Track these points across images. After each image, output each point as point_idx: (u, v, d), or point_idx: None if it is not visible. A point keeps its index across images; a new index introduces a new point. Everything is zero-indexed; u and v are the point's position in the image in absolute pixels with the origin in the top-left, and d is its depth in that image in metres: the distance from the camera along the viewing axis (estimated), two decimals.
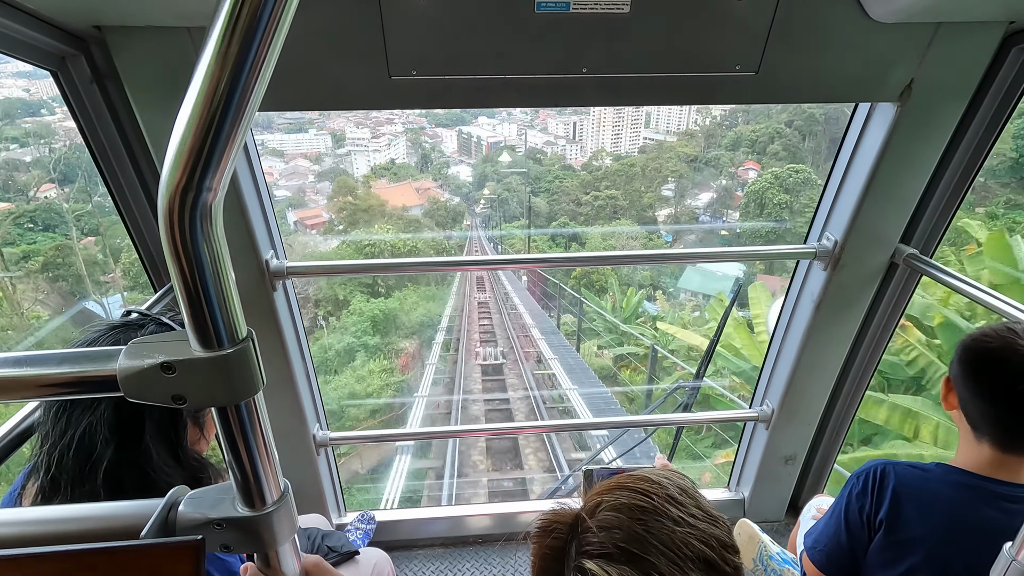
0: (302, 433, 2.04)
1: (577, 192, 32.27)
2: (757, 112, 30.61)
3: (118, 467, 0.83)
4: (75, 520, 0.59)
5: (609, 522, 0.68)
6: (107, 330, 0.90)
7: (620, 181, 32.12)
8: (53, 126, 19.78)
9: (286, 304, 1.83)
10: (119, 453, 0.83)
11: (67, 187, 17.55)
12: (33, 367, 0.50)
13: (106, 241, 15.46)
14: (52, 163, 17.99)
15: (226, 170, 0.44)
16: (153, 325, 0.92)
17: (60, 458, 0.82)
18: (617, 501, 0.70)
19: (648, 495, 0.70)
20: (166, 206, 0.43)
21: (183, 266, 0.46)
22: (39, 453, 0.85)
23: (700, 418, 2.70)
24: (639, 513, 0.68)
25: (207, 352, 0.49)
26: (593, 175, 33.66)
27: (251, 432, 0.55)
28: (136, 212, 1.55)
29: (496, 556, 2.28)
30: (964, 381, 1.14)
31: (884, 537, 1.14)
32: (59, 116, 19.78)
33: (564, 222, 30.89)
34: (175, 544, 0.53)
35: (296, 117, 31.21)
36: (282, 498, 0.60)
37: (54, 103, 20.17)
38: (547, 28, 1.34)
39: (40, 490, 0.84)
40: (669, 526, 0.66)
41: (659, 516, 0.67)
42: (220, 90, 0.40)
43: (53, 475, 0.83)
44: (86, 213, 16.00)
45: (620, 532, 0.67)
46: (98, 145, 1.43)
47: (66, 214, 15.67)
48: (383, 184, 32.74)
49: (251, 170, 1.59)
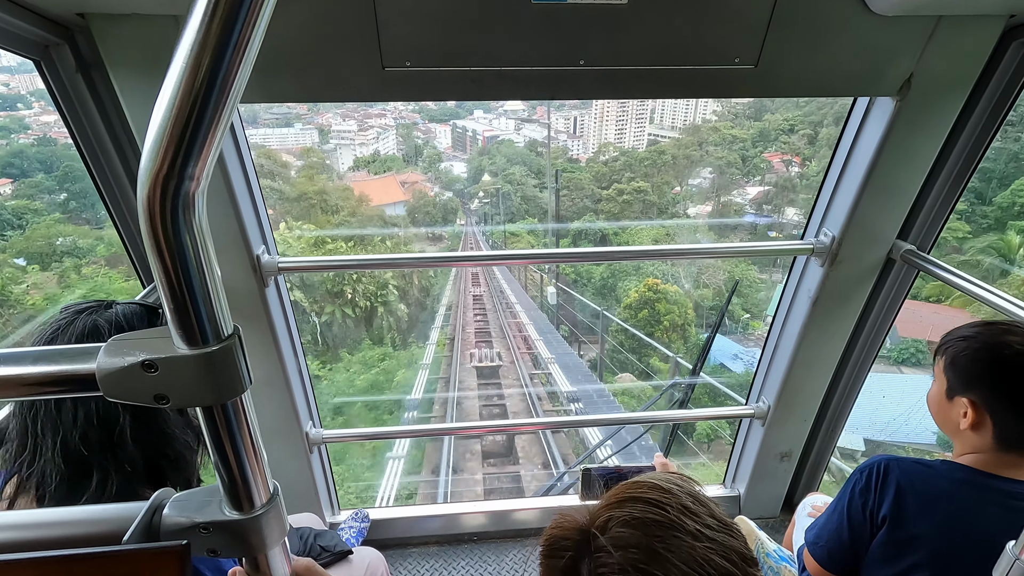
0: (295, 431, 2.01)
1: (590, 186, 27.60)
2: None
3: (140, 433, 0.83)
4: (54, 524, 0.56)
5: (624, 540, 0.64)
6: (73, 314, 0.87)
7: (649, 171, 27.02)
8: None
9: (278, 300, 1.80)
10: (137, 420, 0.83)
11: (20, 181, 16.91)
12: (6, 365, 0.48)
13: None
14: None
15: (209, 158, 0.41)
16: (121, 307, 0.90)
17: (84, 437, 0.80)
18: (630, 516, 0.66)
19: (662, 507, 0.66)
20: (146, 196, 0.41)
21: (165, 259, 0.43)
22: (30, 459, 0.82)
23: (696, 415, 2.69)
24: (655, 529, 0.64)
25: (191, 350, 0.46)
26: (610, 167, 28.68)
27: (238, 432, 0.53)
28: (123, 205, 1.52)
29: (491, 554, 2.27)
30: (1004, 394, 1.09)
31: (887, 533, 1.13)
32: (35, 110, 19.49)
33: (591, 218, 26.18)
34: (159, 549, 0.50)
35: (283, 112, 30.18)
36: (271, 500, 0.58)
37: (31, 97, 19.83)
38: (544, 19, 1.31)
39: (40, 495, 0.81)
40: (688, 542, 0.63)
41: (676, 531, 0.64)
42: (202, 72, 0.38)
43: (79, 458, 0.81)
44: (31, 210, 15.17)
45: (637, 552, 0.63)
46: (83, 137, 1.39)
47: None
48: (361, 177, 29.19)
49: (241, 163, 1.56)
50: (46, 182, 16.75)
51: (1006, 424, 1.10)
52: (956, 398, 1.16)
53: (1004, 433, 1.10)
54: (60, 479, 0.81)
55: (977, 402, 1.12)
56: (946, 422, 1.20)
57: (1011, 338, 1.09)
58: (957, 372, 1.15)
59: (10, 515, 0.58)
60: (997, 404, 1.10)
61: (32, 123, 19.57)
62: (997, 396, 1.10)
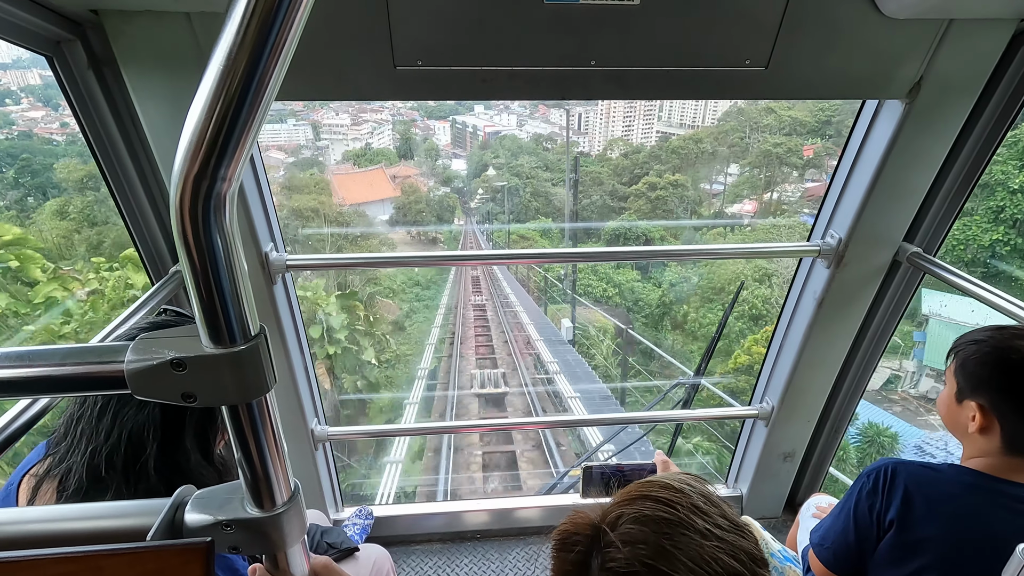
0: (301, 428, 2.02)
1: (610, 180, 24.07)
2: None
3: (163, 467, 0.84)
4: (79, 520, 0.57)
5: (633, 536, 0.65)
6: (139, 332, 0.89)
7: (681, 164, 22.94)
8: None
9: (285, 298, 1.81)
10: (162, 453, 0.84)
11: None
12: (36, 363, 0.48)
13: None
14: None
15: (241, 160, 0.42)
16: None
17: (109, 457, 0.81)
18: (640, 513, 0.67)
19: (672, 505, 0.67)
20: (178, 196, 0.41)
21: (195, 259, 0.44)
22: (64, 452, 0.84)
23: (700, 415, 2.70)
24: (664, 526, 0.65)
25: (219, 349, 0.47)
26: (632, 159, 25.22)
27: (262, 431, 0.54)
28: (133, 202, 1.52)
29: (494, 552, 2.27)
30: (1011, 398, 1.10)
31: (894, 537, 1.13)
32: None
33: (631, 217, 21.97)
34: (184, 546, 0.51)
35: (277, 107, 29.47)
36: (292, 498, 0.59)
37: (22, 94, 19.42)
38: (555, 19, 1.31)
39: (61, 490, 0.82)
40: (697, 540, 0.64)
41: (685, 529, 0.65)
42: (238, 75, 0.38)
43: (98, 475, 0.81)
44: None
45: (646, 548, 0.64)
46: (95, 133, 1.39)
47: None
48: (346, 169, 26.15)
49: (251, 160, 1.56)
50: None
51: (1014, 428, 1.10)
52: (965, 401, 1.16)
53: (1012, 437, 1.11)
54: (78, 487, 0.82)
55: (985, 406, 1.12)
56: (955, 425, 1.20)
57: (1019, 343, 1.10)
58: (966, 376, 1.15)
59: (37, 510, 0.59)
60: (1005, 408, 1.10)
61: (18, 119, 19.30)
62: (1005, 400, 1.10)
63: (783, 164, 22.80)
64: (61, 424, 0.86)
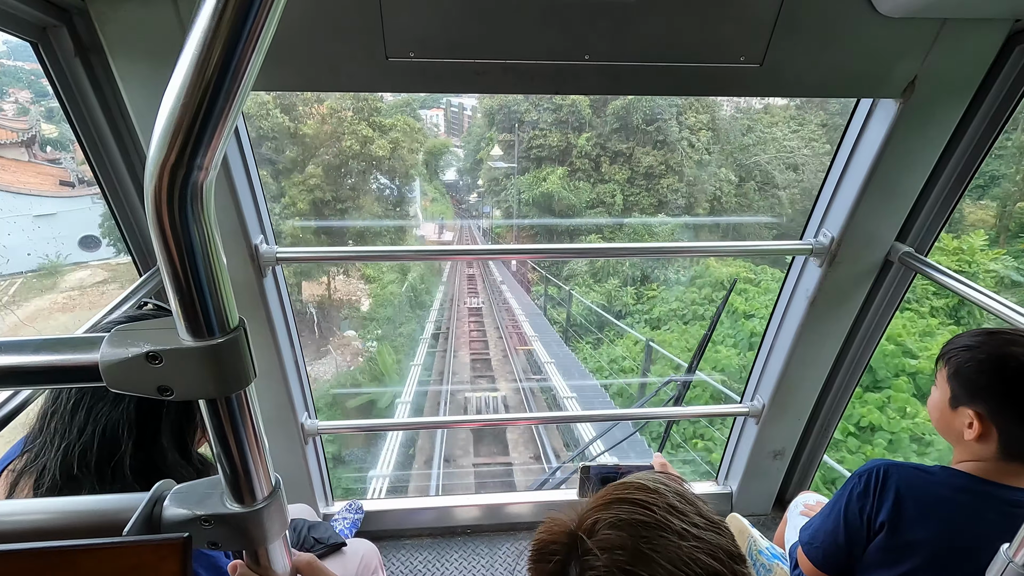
0: (291, 422, 2.01)
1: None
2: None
3: (139, 465, 0.82)
4: (54, 513, 0.56)
5: (610, 542, 0.64)
6: (156, 309, 0.87)
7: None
8: None
9: (275, 291, 1.79)
10: (138, 451, 0.82)
11: None
12: (7, 354, 0.47)
13: None
14: None
15: (219, 148, 0.41)
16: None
17: (83, 454, 0.79)
18: (616, 517, 0.66)
19: (648, 507, 0.66)
20: (153, 185, 0.40)
21: (171, 250, 0.43)
22: (39, 449, 0.82)
23: (691, 412, 2.70)
24: (642, 529, 0.65)
25: (196, 341, 0.46)
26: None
27: (242, 425, 0.53)
28: (120, 192, 1.50)
29: (484, 547, 2.28)
30: (1010, 407, 1.09)
31: (885, 539, 1.13)
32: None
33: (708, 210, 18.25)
34: (160, 541, 0.50)
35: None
36: (273, 494, 0.58)
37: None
38: (550, 13, 1.30)
39: (36, 488, 0.80)
40: (675, 541, 0.63)
41: (662, 531, 0.64)
42: (214, 59, 0.37)
43: (70, 473, 0.79)
44: None
45: (623, 553, 0.63)
46: (81, 122, 1.37)
47: None
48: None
49: (240, 150, 1.54)
50: None
51: (1012, 436, 1.09)
52: (961, 408, 1.15)
53: (1009, 444, 1.10)
54: (52, 485, 0.80)
55: (983, 414, 1.11)
56: (948, 430, 1.19)
57: (1015, 349, 1.09)
58: (962, 383, 1.14)
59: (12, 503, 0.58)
60: (1003, 416, 1.09)
61: None
62: (1003, 409, 1.09)
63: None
64: (36, 420, 0.84)
